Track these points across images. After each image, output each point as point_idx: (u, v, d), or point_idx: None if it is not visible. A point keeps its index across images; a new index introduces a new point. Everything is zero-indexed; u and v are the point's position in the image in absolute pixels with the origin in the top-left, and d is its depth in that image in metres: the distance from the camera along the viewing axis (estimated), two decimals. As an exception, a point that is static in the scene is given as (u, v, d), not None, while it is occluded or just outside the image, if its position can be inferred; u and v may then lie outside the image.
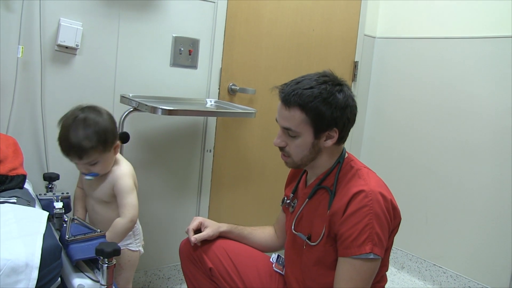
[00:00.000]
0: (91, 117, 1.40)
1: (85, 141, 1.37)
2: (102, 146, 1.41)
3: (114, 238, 1.46)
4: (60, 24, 1.70)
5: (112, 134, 1.44)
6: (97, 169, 1.45)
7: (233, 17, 2.19)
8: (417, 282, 2.58)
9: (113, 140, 1.45)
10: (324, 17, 2.54)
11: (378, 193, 1.24)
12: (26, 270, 0.94)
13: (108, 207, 1.54)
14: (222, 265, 1.50)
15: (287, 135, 1.32)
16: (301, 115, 1.27)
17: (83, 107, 1.44)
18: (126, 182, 1.50)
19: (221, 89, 2.21)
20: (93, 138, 1.38)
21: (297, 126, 1.28)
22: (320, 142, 1.31)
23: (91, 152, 1.39)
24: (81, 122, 1.38)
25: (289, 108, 1.28)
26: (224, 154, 2.31)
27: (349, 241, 1.22)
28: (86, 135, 1.37)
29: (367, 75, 2.86)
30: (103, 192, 1.52)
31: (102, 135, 1.40)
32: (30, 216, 1.16)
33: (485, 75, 2.31)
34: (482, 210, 2.32)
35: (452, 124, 2.44)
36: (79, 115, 1.40)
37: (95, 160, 1.42)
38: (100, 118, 1.42)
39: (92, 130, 1.38)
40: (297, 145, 1.32)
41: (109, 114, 1.48)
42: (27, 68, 1.69)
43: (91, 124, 1.39)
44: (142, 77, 1.97)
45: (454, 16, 2.45)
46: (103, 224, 1.52)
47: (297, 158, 1.34)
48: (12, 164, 1.42)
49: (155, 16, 1.96)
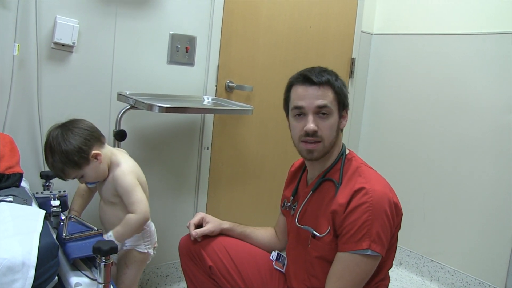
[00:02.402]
0: (55, 140, 1.42)
1: (55, 165, 1.43)
2: (72, 165, 1.43)
3: (126, 232, 1.49)
4: (57, 21, 1.69)
5: (78, 151, 1.43)
6: (89, 179, 1.50)
7: (230, 14, 2.18)
8: (415, 278, 2.58)
9: (83, 156, 1.44)
10: (321, 13, 2.53)
11: (379, 191, 1.24)
12: (22, 269, 0.93)
13: (115, 207, 1.57)
14: (221, 263, 1.50)
15: (319, 117, 1.32)
16: (332, 92, 1.33)
17: (54, 126, 1.46)
18: (126, 181, 1.50)
19: (218, 86, 2.21)
20: (59, 161, 1.42)
21: (331, 102, 1.33)
22: (340, 123, 1.37)
23: (65, 172, 1.45)
24: (48, 147, 1.43)
25: (321, 86, 1.32)
26: (221, 151, 2.31)
27: (347, 236, 1.23)
28: (54, 160, 1.42)
29: (364, 71, 2.86)
30: (107, 193, 1.56)
31: (66, 158, 1.42)
32: (26, 214, 1.16)
33: (483, 71, 2.31)
34: (480, 206, 2.33)
35: (450, 120, 2.45)
36: (47, 139, 1.44)
37: (79, 175, 1.47)
38: (62, 139, 1.42)
39: (57, 155, 1.41)
40: (330, 126, 1.33)
41: (77, 129, 1.46)
42: (23, 66, 1.68)
43: (54, 149, 1.42)
44: (139, 75, 1.97)
45: (452, 12, 2.45)
46: (111, 223, 1.55)
47: (328, 141, 1.33)
48: (8, 163, 1.41)
49: (152, 13, 1.95)
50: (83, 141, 1.45)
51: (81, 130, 1.47)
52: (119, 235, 1.48)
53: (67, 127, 1.46)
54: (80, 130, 1.46)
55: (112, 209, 1.57)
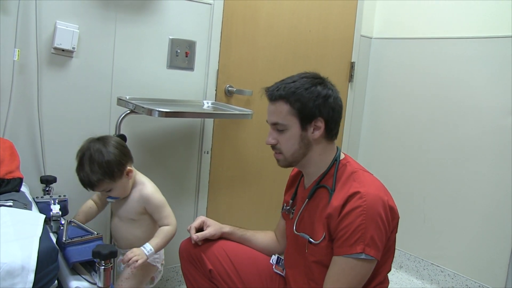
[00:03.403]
0: (97, 151, 1.50)
1: (92, 176, 1.48)
2: (109, 177, 1.50)
3: (163, 243, 1.58)
4: (57, 27, 1.70)
5: (118, 164, 1.52)
6: (114, 194, 1.57)
7: (230, 19, 2.19)
8: (415, 281, 2.58)
9: (120, 169, 1.53)
10: (320, 18, 2.54)
11: (374, 194, 1.24)
12: (22, 273, 0.94)
13: (133, 225, 1.64)
14: (222, 266, 1.50)
15: (277, 131, 1.36)
16: (286, 106, 1.33)
17: (93, 139, 1.54)
18: (158, 198, 1.62)
19: (218, 90, 2.21)
20: (98, 171, 1.48)
21: (283, 118, 1.33)
22: (308, 134, 1.34)
23: (99, 183, 1.50)
24: (87, 156, 1.49)
25: (274, 102, 1.35)
26: (221, 156, 2.31)
27: (341, 240, 1.23)
28: (92, 170, 1.48)
29: (364, 75, 2.87)
30: (130, 211, 1.62)
31: (107, 168, 1.49)
32: (26, 219, 1.16)
33: (482, 75, 2.31)
34: (480, 209, 2.33)
35: (449, 124, 2.45)
36: (87, 150, 1.50)
37: (108, 188, 1.54)
38: (105, 150, 1.50)
39: (97, 165, 1.48)
40: (286, 139, 1.35)
41: (116, 144, 1.55)
42: (23, 71, 1.69)
43: (95, 158, 1.48)
44: (139, 79, 1.98)
45: (451, 16, 2.45)
46: (125, 239, 1.65)
47: (288, 153, 1.36)
48: (8, 168, 1.42)
49: (151, 18, 1.96)
50: (122, 156, 1.54)
51: (119, 146, 1.56)
52: (159, 246, 1.56)
53: (107, 141, 1.54)
54: (119, 145, 1.56)
55: (129, 227, 1.64)
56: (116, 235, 1.69)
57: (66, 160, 1.84)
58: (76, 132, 1.85)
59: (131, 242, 1.61)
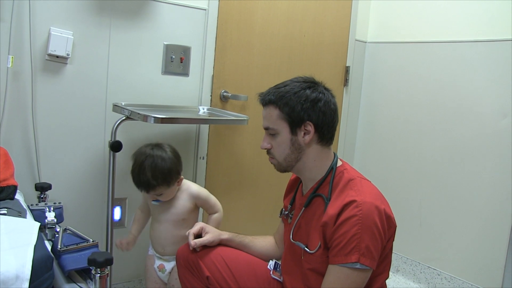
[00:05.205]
0: (158, 157, 1.61)
1: (152, 180, 1.59)
2: (167, 184, 1.62)
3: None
4: (51, 33, 1.70)
5: (176, 173, 1.65)
6: (163, 198, 1.68)
7: (224, 24, 2.20)
8: (412, 284, 2.58)
9: (176, 177, 1.66)
10: (315, 22, 2.55)
11: (370, 203, 1.23)
12: (16, 282, 0.93)
13: (181, 225, 1.72)
14: (219, 273, 1.49)
15: (269, 136, 1.38)
16: (276, 111, 1.34)
17: (152, 144, 1.66)
18: (204, 192, 1.78)
19: (213, 96, 2.21)
20: (159, 177, 1.59)
21: (274, 123, 1.35)
22: (298, 139, 1.34)
23: (157, 188, 1.61)
24: (149, 162, 1.60)
25: (266, 106, 1.37)
26: (217, 161, 2.31)
27: (337, 249, 1.23)
28: (153, 175, 1.59)
29: (358, 79, 2.87)
30: (182, 211, 1.72)
31: (167, 175, 1.61)
32: (21, 227, 1.16)
33: (478, 78, 2.32)
34: (476, 213, 2.33)
35: (445, 127, 2.46)
36: (149, 155, 1.61)
37: (161, 192, 1.64)
38: (167, 158, 1.62)
39: (159, 171, 1.59)
40: (278, 144, 1.36)
41: (174, 152, 1.68)
42: (17, 78, 1.68)
43: (158, 164, 1.60)
44: (134, 85, 1.97)
45: (445, 20, 2.46)
46: (171, 245, 1.72)
47: (280, 158, 1.37)
48: (3, 175, 1.41)
49: (146, 24, 1.96)
50: (179, 164, 1.68)
51: (177, 155, 1.69)
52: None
53: (165, 149, 1.66)
54: (176, 154, 1.69)
55: (177, 228, 1.72)
56: (164, 242, 1.75)
57: (61, 167, 1.84)
58: (71, 139, 1.85)
59: (178, 243, 1.67)
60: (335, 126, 1.38)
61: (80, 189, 1.90)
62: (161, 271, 1.77)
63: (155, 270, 1.78)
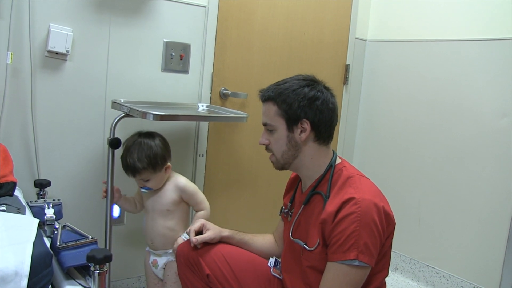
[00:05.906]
0: (145, 142, 1.68)
1: (138, 163, 1.64)
2: (152, 168, 1.66)
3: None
4: (50, 30, 1.70)
5: (162, 158, 1.69)
6: (150, 184, 1.71)
7: (224, 22, 2.19)
8: (410, 283, 2.58)
9: (162, 163, 1.69)
10: (315, 21, 2.54)
11: (369, 200, 1.23)
12: (15, 279, 0.93)
13: (167, 216, 1.75)
14: (219, 270, 1.49)
15: (268, 132, 1.39)
16: (274, 107, 1.36)
17: (142, 133, 1.72)
18: (192, 186, 1.79)
19: (213, 93, 2.21)
20: (144, 160, 1.64)
21: (271, 119, 1.36)
22: (295, 136, 1.35)
23: (142, 171, 1.65)
24: (136, 146, 1.67)
25: (265, 103, 1.39)
26: (216, 159, 2.31)
27: (335, 246, 1.23)
28: (139, 158, 1.64)
29: (358, 78, 2.87)
30: (167, 201, 1.75)
31: (153, 159, 1.66)
32: (20, 224, 1.15)
33: (478, 77, 2.32)
34: (475, 211, 2.34)
35: (444, 126, 2.46)
36: (137, 141, 1.68)
37: (147, 178, 1.68)
38: (153, 143, 1.68)
39: (144, 154, 1.65)
40: (275, 140, 1.37)
41: (162, 140, 1.74)
42: (16, 74, 1.68)
43: (144, 149, 1.66)
44: (134, 83, 1.97)
45: (445, 19, 2.46)
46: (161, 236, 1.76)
47: (278, 154, 1.39)
48: (2, 172, 1.41)
49: (146, 21, 1.96)
50: (166, 151, 1.73)
51: (165, 142, 1.74)
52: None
53: (154, 136, 1.72)
54: (164, 142, 1.74)
55: (164, 219, 1.75)
56: (152, 233, 1.77)
57: (60, 164, 1.84)
58: (70, 135, 1.85)
59: (167, 236, 1.74)
60: (333, 125, 1.38)
61: (79, 186, 1.90)
62: (155, 266, 1.79)
63: (150, 266, 1.82)
